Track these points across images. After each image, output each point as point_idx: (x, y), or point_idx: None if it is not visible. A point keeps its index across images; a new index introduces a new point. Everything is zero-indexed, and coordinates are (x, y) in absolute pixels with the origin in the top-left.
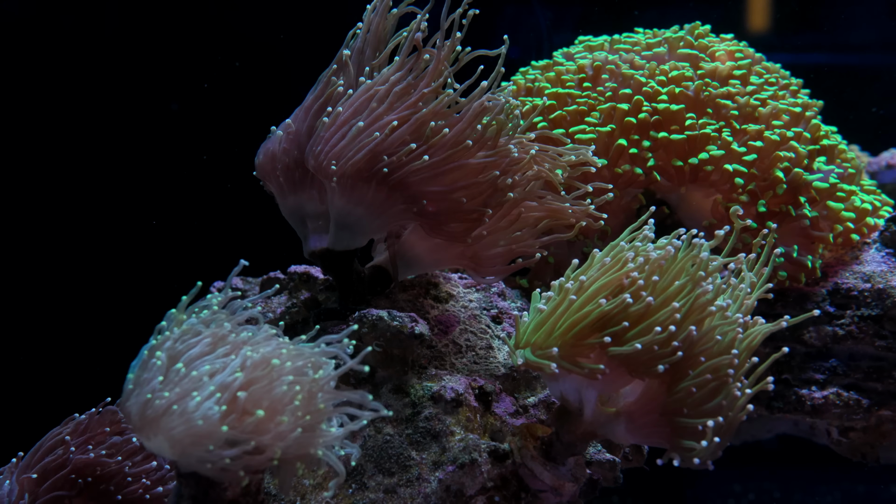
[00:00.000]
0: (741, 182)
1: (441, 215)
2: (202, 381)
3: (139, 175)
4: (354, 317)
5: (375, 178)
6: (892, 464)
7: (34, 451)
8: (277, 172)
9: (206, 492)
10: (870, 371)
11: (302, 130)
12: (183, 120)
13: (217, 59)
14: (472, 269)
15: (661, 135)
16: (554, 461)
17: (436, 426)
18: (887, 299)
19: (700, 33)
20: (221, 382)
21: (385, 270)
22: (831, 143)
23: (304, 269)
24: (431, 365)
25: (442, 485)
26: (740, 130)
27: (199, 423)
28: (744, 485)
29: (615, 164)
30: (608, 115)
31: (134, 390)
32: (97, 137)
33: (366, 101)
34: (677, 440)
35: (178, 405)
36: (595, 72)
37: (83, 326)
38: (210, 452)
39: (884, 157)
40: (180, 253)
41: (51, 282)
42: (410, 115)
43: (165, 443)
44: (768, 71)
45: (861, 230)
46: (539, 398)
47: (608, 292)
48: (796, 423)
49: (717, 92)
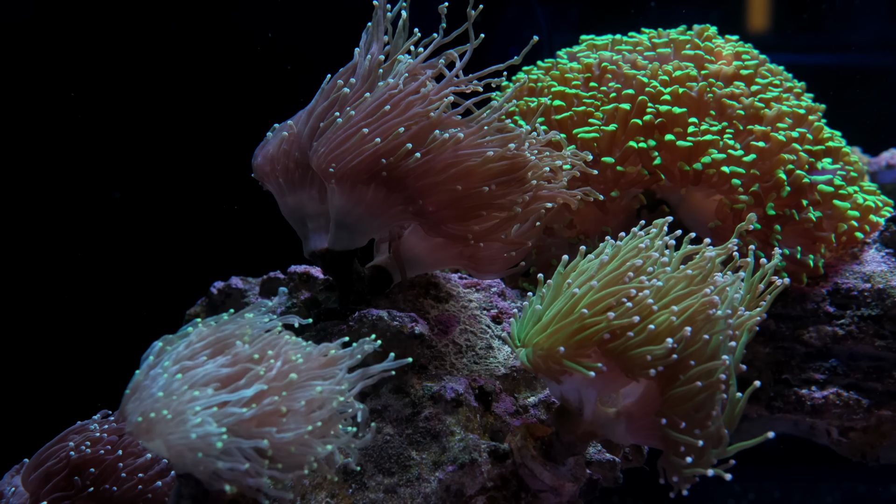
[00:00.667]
0: (742, 185)
1: (440, 215)
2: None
3: (139, 175)
4: (354, 317)
5: (375, 179)
6: (892, 464)
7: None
8: (277, 174)
9: (206, 492)
10: (870, 371)
11: (304, 132)
12: (183, 120)
13: (218, 60)
14: (473, 268)
15: (666, 137)
16: (554, 461)
17: (436, 426)
18: (887, 299)
19: (709, 35)
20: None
21: (385, 270)
22: (835, 146)
23: (304, 269)
24: (431, 365)
25: (442, 485)
26: (744, 132)
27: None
28: (744, 485)
29: (619, 164)
30: (611, 116)
31: (132, 395)
32: (97, 137)
33: (377, 107)
34: (668, 450)
35: (174, 414)
36: (601, 71)
37: (84, 327)
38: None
39: (884, 157)
40: (181, 253)
41: (51, 282)
42: (417, 122)
43: (163, 447)
44: (772, 73)
45: (864, 228)
46: (539, 398)
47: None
48: (796, 423)
49: (720, 93)
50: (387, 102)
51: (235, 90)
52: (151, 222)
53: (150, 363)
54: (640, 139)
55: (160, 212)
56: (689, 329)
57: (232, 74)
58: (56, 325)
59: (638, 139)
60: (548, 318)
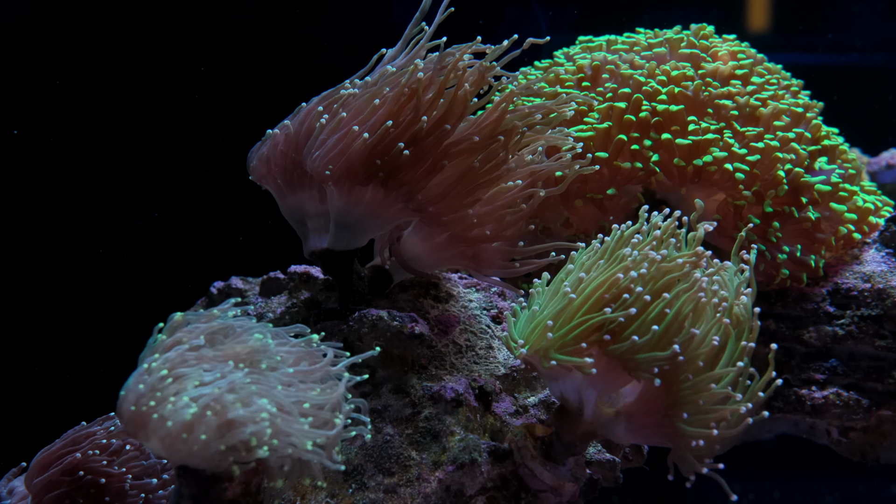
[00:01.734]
0: (743, 183)
1: (438, 207)
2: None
3: (140, 175)
4: (354, 317)
5: (372, 180)
6: (892, 464)
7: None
8: (275, 175)
9: (206, 492)
10: (870, 371)
11: (301, 132)
12: (183, 120)
13: (218, 60)
14: (473, 268)
15: (663, 136)
16: (554, 461)
17: (436, 426)
18: (887, 299)
19: (705, 34)
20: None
21: (385, 270)
22: (832, 144)
23: (304, 269)
24: (431, 365)
25: (442, 485)
26: (741, 131)
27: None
28: (744, 485)
29: (614, 159)
30: (606, 114)
31: (127, 396)
32: (97, 137)
33: (365, 105)
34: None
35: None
36: (594, 72)
37: (84, 327)
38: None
39: (884, 157)
40: (181, 253)
41: (52, 283)
42: (407, 119)
43: (158, 443)
44: (769, 72)
45: (862, 229)
46: (539, 398)
47: (609, 296)
48: (796, 423)
49: (717, 92)
50: (376, 97)
51: (236, 90)
52: (151, 222)
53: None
54: (635, 135)
55: (160, 212)
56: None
57: (232, 75)
58: (56, 325)
59: (632, 134)
60: (543, 316)
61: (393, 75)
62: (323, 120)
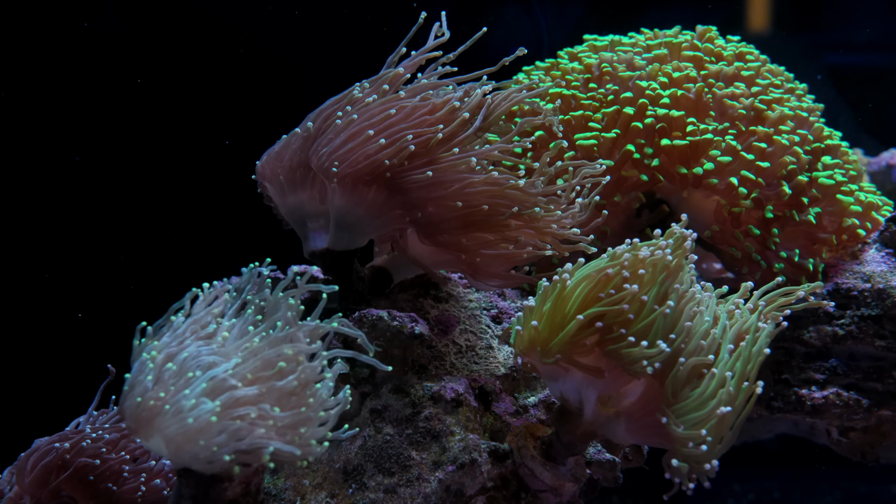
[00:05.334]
0: (744, 191)
1: (438, 227)
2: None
3: (140, 175)
4: (354, 317)
5: (377, 181)
6: (892, 464)
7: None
8: (279, 172)
9: (206, 492)
10: (870, 371)
11: (317, 130)
12: (184, 120)
13: (220, 60)
14: (470, 275)
15: (664, 142)
16: (554, 461)
17: (436, 426)
18: (887, 299)
19: (710, 37)
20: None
21: (385, 270)
22: (834, 143)
23: (304, 269)
24: (431, 365)
25: (442, 485)
26: (745, 133)
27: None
28: (744, 485)
29: (620, 168)
30: (612, 121)
31: (129, 392)
32: (98, 137)
33: (381, 110)
34: (675, 446)
35: (171, 405)
36: (601, 73)
37: (83, 327)
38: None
39: (884, 157)
40: (181, 253)
41: (51, 282)
42: (423, 130)
43: (161, 442)
44: (773, 74)
45: (866, 225)
46: (539, 398)
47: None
48: (796, 423)
49: (721, 93)
50: (392, 106)
51: (236, 90)
52: (152, 222)
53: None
54: (640, 141)
55: (160, 212)
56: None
57: (232, 75)
58: (56, 325)
59: (638, 141)
60: (541, 315)
61: (414, 87)
62: (338, 122)
